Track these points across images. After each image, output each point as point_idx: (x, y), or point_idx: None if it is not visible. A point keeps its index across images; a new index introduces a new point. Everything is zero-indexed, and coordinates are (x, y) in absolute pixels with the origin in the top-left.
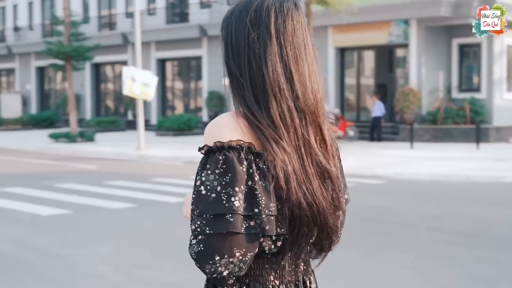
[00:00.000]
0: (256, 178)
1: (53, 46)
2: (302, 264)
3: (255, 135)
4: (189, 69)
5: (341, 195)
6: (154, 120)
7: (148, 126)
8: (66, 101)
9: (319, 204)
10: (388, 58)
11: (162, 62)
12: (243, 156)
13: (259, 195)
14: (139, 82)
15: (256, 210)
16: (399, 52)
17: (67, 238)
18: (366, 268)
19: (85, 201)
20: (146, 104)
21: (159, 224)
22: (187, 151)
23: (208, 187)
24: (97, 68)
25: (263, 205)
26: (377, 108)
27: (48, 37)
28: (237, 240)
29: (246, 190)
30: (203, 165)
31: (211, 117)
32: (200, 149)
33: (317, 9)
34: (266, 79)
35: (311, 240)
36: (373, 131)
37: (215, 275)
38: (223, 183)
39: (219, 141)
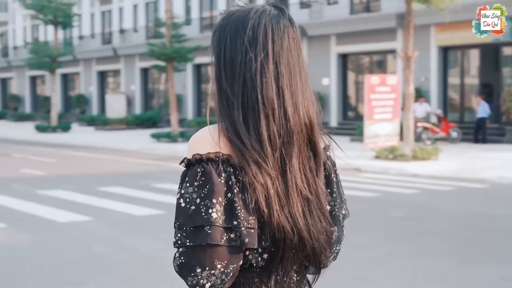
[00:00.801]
0: (235, 191)
1: (155, 47)
2: (295, 275)
3: (235, 152)
4: None
5: (327, 214)
6: None
7: None
8: (168, 101)
9: (301, 226)
10: (494, 56)
11: None
12: (222, 168)
13: (238, 207)
14: None
15: (235, 223)
16: (506, 51)
17: (158, 239)
18: (461, 279)
19: None
20: None
21: None
22: None
23: (187, 200)
24: (198, 69)
25: (242, 218)
26: (481, 109)
27: (151, 39)
28: (218, 252)
29: (226, 202)
30: (183, 178)
31: None
32: (180, 163)
33: (419, 7)
34: (259, 99)
35: (302, 254)
36: (477, 133)
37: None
38: (202, 195)
39: (198, 154)
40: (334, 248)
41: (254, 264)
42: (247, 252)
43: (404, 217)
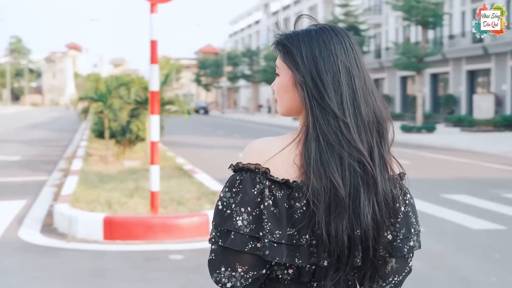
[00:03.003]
0: (266, 203)
1: None
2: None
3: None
4: None
5: (383, 242)
6: None
7: None
8: None
9: (340, 248)
10: None
11: None
12: (258, 180)
13: (266, 220)
14: None
15: (261, 234)
16: None
17: (487, 259)
18: None
19: None
20: None
21: None
22: None
23: (224, 203)
24: None
25: (267, 230)
26: None
27: None
28: (240, 256)
29: (257, 212)
30: (225, 183)
31: None
32: (228, 167)
33: None
34: (364, 116)
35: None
36: None
37: (219, 285)
38: (237, 201)
39: (240, 162)
40: (391, 279)
41: (280, 276)
42: (273, 263)
43: None
